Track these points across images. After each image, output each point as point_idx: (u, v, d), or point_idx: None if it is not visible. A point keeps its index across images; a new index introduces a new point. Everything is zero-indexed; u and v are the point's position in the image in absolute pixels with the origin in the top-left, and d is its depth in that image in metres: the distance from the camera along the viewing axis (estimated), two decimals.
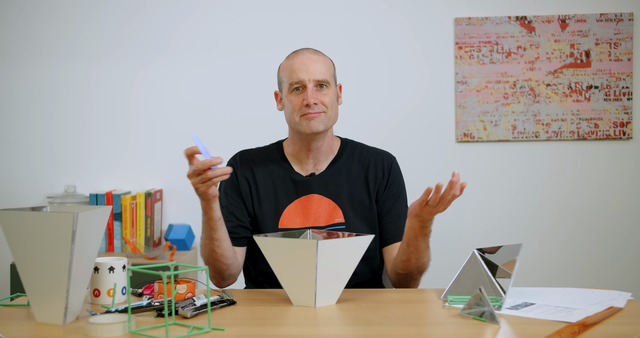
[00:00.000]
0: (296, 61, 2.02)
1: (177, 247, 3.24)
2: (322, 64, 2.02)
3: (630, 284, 3.28)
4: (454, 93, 3.36)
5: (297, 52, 2.05)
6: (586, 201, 3.37)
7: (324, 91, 2.01)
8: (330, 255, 1.63)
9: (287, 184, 2.07)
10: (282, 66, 2.07)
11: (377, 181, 2.09)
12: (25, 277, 1.49)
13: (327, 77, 2.01)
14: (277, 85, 2.11)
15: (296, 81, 1.99)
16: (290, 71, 2.01)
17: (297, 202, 2.06)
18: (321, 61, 2.02)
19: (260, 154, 2.13)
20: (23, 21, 3.38)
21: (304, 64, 2.00)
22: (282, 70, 2.06)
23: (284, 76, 2.04)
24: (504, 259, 1.71)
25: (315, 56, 2.03)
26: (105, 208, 1.54)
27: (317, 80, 1.99)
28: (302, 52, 2.05)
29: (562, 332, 1.38)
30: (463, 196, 3.36)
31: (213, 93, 3.39)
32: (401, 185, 2.15)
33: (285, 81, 2.03)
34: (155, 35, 3.38)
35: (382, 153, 2.16)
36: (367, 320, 1.58)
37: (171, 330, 1.44)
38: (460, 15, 3.35)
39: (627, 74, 3.31)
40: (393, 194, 2.11)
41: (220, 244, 1.93)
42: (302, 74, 1.99)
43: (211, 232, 1.91)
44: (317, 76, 1.99)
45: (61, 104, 3.40)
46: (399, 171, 2.15)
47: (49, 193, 3.38)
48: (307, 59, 2.01)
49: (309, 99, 1.97)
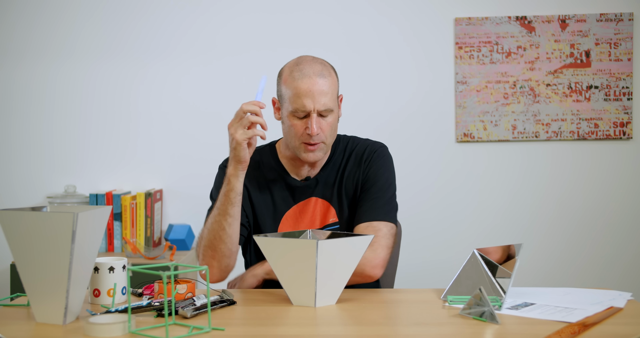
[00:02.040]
0: (302, 85, 1.91)
1: (177, 247, 3.24)
2: (328, 89, 1.93)
3: (630, 284, 3.28)
4: (454, 93, 3.36)
5: (302, 70, 1.93)
6: (586, 201, 3.37)
7: (327, 119, 1.95)
8: (330, 255, 1.63)
9: (284, 190, 2.04)
10: (286, 80, 1.95)
11: (360, 172, 2.04)
12: (25, 277, 1.49)
13: (331, 105, 1.94)
14: (277, 93, 2.02)
15: (301, 109, 1.92)
16: (295, 95, 1.92)
17: (295, 208, 2.04)
18: (327, 86, 1.93)
19: (254, 157, 2.06)
20: (23, 21, 3.38)
21: (310, 91, 1.91)
22: (286, 86, 1.95)
23: (287, 95, 1.95)
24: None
25: (322, 80, 1.92)
26: (105, 208, 1.54)
27: (322, 110, 1.93)
28: (309, 72, 1.93)
29: (562, 332, 1.38)
30: (463, 196, 3.39)
31: (213, 93, 3.39)
32: (380, 171, 2.03)
33: (287, 100, 1.95)
34: (155, 35, 3.38)
35: (368, 143, 2.09)
36: (367, 320, 1.58)
37: (171, 330, 1.44)
38: (460, 15, 3.35)
39: (627, 74, 3.31)
40: (370, 179, 2.02)
41: (232, 223, 1.89)
42: (307, 102, 1.91)
43: (228, 206, 1.88)
44: (322, 107, 1.92)
45: (61, 104, 3.40)
46: (382, 159, 2.05)
47: (49, 193, 3.38)
48: (313, 84, 1.91)
49: (312, 131, 1.91)
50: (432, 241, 3.39)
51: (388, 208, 1.98)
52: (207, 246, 1.92)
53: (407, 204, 3.25)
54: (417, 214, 3.35)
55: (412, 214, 3.32)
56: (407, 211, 3.21)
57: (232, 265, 1.97)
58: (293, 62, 1.98)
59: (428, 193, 3.38)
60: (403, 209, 2.30)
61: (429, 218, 3.38)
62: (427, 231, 3.37)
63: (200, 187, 3.16)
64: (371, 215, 1.96)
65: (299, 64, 1.96)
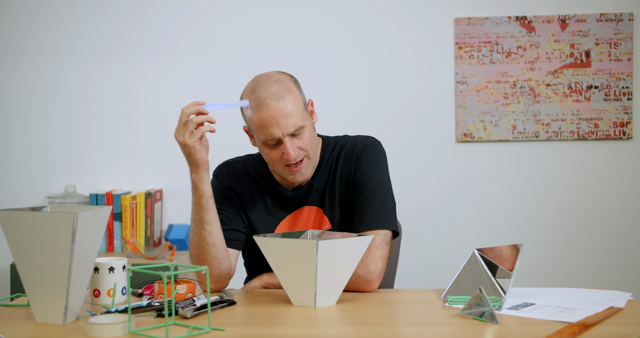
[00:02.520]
0: (263, 114, 1.82)
1: (177, 247, 3.24)
2: (291, 109, 1.83)
3: (630, 284, 3.28)
4: (454, 93, 3.36)
5: (259, 98, 1.83)
6: (586, 201, 3.37)
7: (301, 136, 1.86)
8: (330, 255, 1.63)
9: (277, 201, 2.00)
10: (247, 114, 1.87)
11: (350, 172, 1.97)
12: (25, 277, 1.49)
13: (300, 122, 1.85)
14: (245, 122, 1.91)
15: (270, 138, 1.84)
16: (261, 126, 1.83)
17: (289, 218, 2.00)
18: (289, 106, 1.83)
19: (245, 168, 2.03)
20: (23, 21, 3.38)
21: (273, 118, 1.81)
22: (249, 121, 1.87)
23: (254, 126, 1.86)
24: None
25: (281, 103, 1.82)
26: (105, 208, 1.54)
27: (292, 132, 1.84)
28: (265, 99, 1.83)
29: (562, 332, 1.38)
30: (463, 196, 3.38)
31: (213, 93, 3.39)
32: (370, 171, 1.94)
33: (255, 131, 1.87)
34: (155, 35, 3.38)
35: (358, 140, 2.00)
36: (367, 320, 1.58)
37: (171, 330, 1.44)
38: (460, 15, 3.35)
39: (627, 74, 3.31)
40: (360, 180, 1.94)
41: (212, 230, 1.81)
42: (274, 130, 1.82)
43: (202, 213, 1.80)
44: (291, 129, 1.83)
45: (61, 104, 3.40)
46: (372, 156, 1.96)
47: (49, 193, 3.38)
48: (274, 111, 1.81)
49: (290, 156, 1.84)
50: (432, 242, 3.38)
51: (382, 212, 1.90)
52: (196, 262, 1.86)
53: (407, 205, 3.25)
54: (417, 214, 3.35)
55: (412, 214, 3.32)
56: (407, 211, 3.22)
57: (226, 272, 1.88)
58: (248, 89, 1.89)
59: (428, 193, 3.38)
60: (403, 210, 2.30)
61: (429, 218, 3.38)
62: (427, 232, 3.37)
63: None
64: (365, 223, 1.89)
65: (254, 91, 1.86)
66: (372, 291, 1.84)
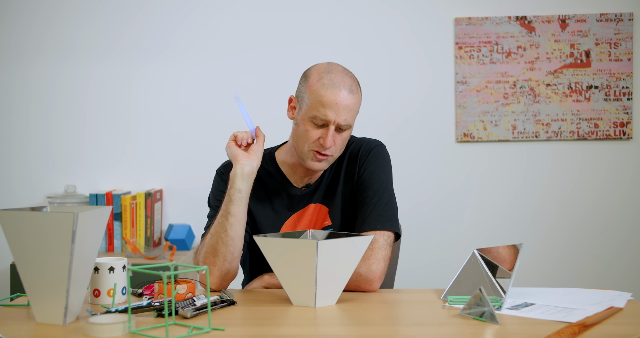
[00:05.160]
0: (330, 94, 1.88)
1: (177, 247, 3.24)
2: (353, 106, 1.91)
3: (630, 284, 3.29)
4: (454, 93, 3.36)
5: (333, 80, 1.90)
6: (586, 201, 3.37)
7: (343, 134, 1.92)
8: (330, 255, 1.63)
9: (285, 199, 2.02)
10: (313, 84, 1.91)
11: (355, 172, 2.00)
12: (25, 277, 1.49)
13: (351, 121, 1.92)
14: (296, 92, 1.97)
15: (322, 118, 1.88)
16: (320, 102, 1.88)
17: (295, 216, 2.01)
18: (353, 102, 1.90)
19: None
20: (23, 21, 3.38)
21: (336, 103, 1.87)
22: (311, 90, 1.90)
23: (310, 100, 1.90)
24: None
25: (350, 95, 1.89)
26: (105, 208, 1.54)
27: (342, 125, 1.90)
28: (339, 83, 1.89)
29: (562, 332, 1.38)
30: (463, 196, 3.38)
31: (213, 93, 3.39)
32: (375, 173, 1.98)
33: (309, 105, 1.90)
34: (154, 35, 3.38)
35: (364, 142, 2.04)
36: (367, 320, 1.58)
37: (171, 330, 1.44)
38: (460, 15, 3.35)
39: (627, 74, 3.31)
40: (365, 182, 1.97)
41: (234, 223, 1.85)
42: (330, 113, 1.88)
43: (229, 204, 1.85)
44: (343, 121, 1.89)
45: (61, 104, 3.40)
46: (378, 158, 2.00)
47: (49, 193, 3.38)
48: (341, 97, 1.88)
49: (327, 143, 1.89)
50: (432, 242, 3.38)
51: (387, 214, 1.92)
52: (208, 252, 1.86)
53: (407, 205, 3.25)
54: (417, 214, 3.35)
55: (412, 214, 3.32)
56: (407, 211, 3.22)
57: (233, 272, 1.89)
58: (323, 68, 1.93)
59: (428, 193, 3.38)
60: (403, 210, 2.30)
61: (429, 218, 3.38)
62: (427, 232, 3.37)
63: (200, 187, 3.17)
64: (369, 224, 1.91)
65: (330, 72, 1.91)
66: (373, 291, 1.84)
